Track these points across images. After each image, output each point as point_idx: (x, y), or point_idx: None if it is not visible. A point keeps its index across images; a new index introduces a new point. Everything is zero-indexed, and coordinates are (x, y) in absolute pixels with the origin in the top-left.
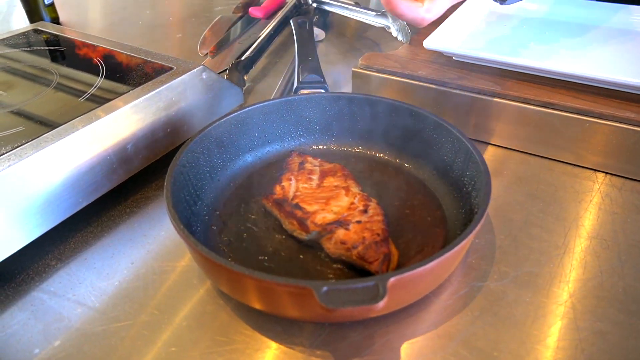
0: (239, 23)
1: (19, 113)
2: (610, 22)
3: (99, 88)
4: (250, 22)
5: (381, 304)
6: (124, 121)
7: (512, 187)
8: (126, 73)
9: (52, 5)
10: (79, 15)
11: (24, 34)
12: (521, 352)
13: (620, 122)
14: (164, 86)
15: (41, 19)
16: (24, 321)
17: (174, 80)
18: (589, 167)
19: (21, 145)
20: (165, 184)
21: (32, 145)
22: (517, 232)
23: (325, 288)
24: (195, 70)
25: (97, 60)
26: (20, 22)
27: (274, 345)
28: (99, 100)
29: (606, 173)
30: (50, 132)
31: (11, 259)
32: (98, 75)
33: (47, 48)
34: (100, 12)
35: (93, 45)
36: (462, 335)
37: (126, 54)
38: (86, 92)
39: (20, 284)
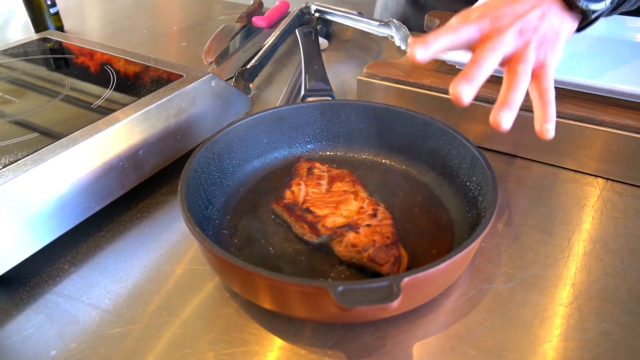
0: (242, 32)
1: (33, 120)
2: (611, 33)
3: (111, 95)
4: (253, 32)
5: (395, 303)
6: (136, 128)
7: (516, 192)
8: (137, 81)
9: (57, 14)
10: (83, 23)
11: (32, 43)
12: (529, 353)
13: (621, 129)
14: (175, 93)
15: (46, 27)
16: (39, 324)
17: (184, 88)
18: (590, 173)
19: (36, 151)
20: (179, 187)
21: (46, 151)
22: (522, 236)
23: (341, 288)
24: (204, 78)
25: (106, 68)
26: (18, 30)
27: (286, 346)
28: (111, 108)
29: (607, 179)
30: (64, 139)
31: (25, 263)
32: (109, 83)
33: (57, 57)
34: (103, 20)
35: (102, 54)
36: (471, 336)
37: (136, 62)
38: (98, 100)
39: (34, 287)
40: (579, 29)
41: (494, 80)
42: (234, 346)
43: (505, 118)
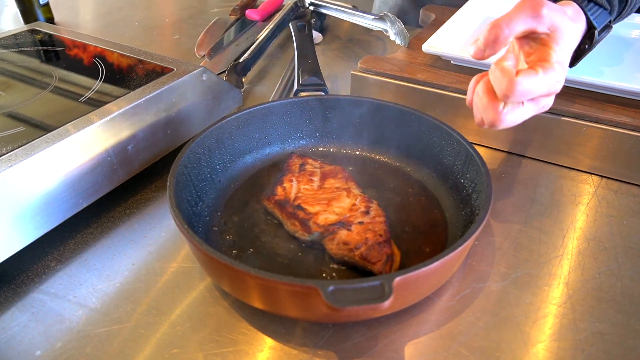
0: (236, 25)
1: (18, 114)
2: None
3: (100, 89)
4: (246, 25)
5: (387, 303)
6: (125, 122)
7: (510, 190)
8: (126, 74)
9: (47, 5)
10: (74, 15)
11: (21, 35)
12: (522, 353)
13: (616, 127)
14: (165, 87)
15: (36, 19)
16: (24, 323)
17: (175, 82)
18: (585, 170)
19: (22, 145)
20: (168, 184)
21: (33, 145)
22: (516, 235)
23: (331, 287)
24: (195, 71)
25: (96, 61)
26: (8, 21)
27: (277, 345)
28: (100, 102)
29: (602, 176)
30: (51, 133)
31: (10, 261)
32: (98, 76)
33: (45, 49)
34: (95, 12)
35: (92, 46)
36: (464, 336)
37: (126, 55)
38: (86, 94)
39: (20, 285)
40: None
41: None
42: (224, 346)
43: None
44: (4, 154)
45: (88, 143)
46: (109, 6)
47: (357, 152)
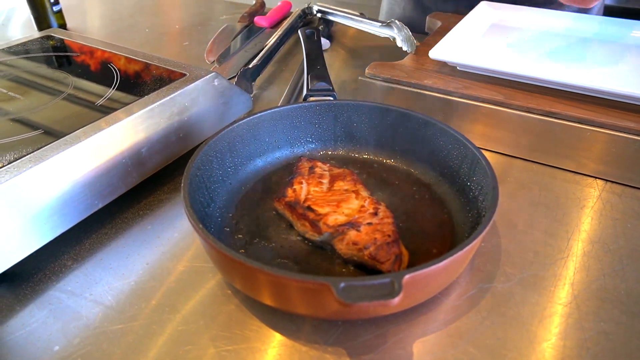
0: (244, 32)
1: (36, 118)
2: (611, 36)
3: (114, 94)
4: (255, 32)
5: (396, 300)
6: (139, 126)
7: (515, 193)
8: (140, 79)
9: (60, 11)
10: (85, 21)
11: (37, 41)
12: (529, 351)
13: (621, 132)
14: (178, 92)
15: (49, 25)
16: (42, 319)
17: (188, 87)
18: (589, 174)
19: (39, 148)
20: (182, 185)
21: (50, 148)
22: (521, 237)
23: (342, 284)
24: (208, 76)
25: (110, 66)
26: (18, 28)
27: (287, 342)
28: (115, 106)
29: (606, 180)
30: (68, 136)
31: (28, 259)
32: (112, 81)
33: (60, 54)
34: (106, 18)
35: (106, 52)
36: (471, 335)
37: (139, 61)
38: (102, 98)
39: (37, 283)
40: None
41: (494, 82)
42: (235, 342)
43: None
44: (23, 156)
45: (103, 147)
46: (119, 12)
47: (365, 156)
